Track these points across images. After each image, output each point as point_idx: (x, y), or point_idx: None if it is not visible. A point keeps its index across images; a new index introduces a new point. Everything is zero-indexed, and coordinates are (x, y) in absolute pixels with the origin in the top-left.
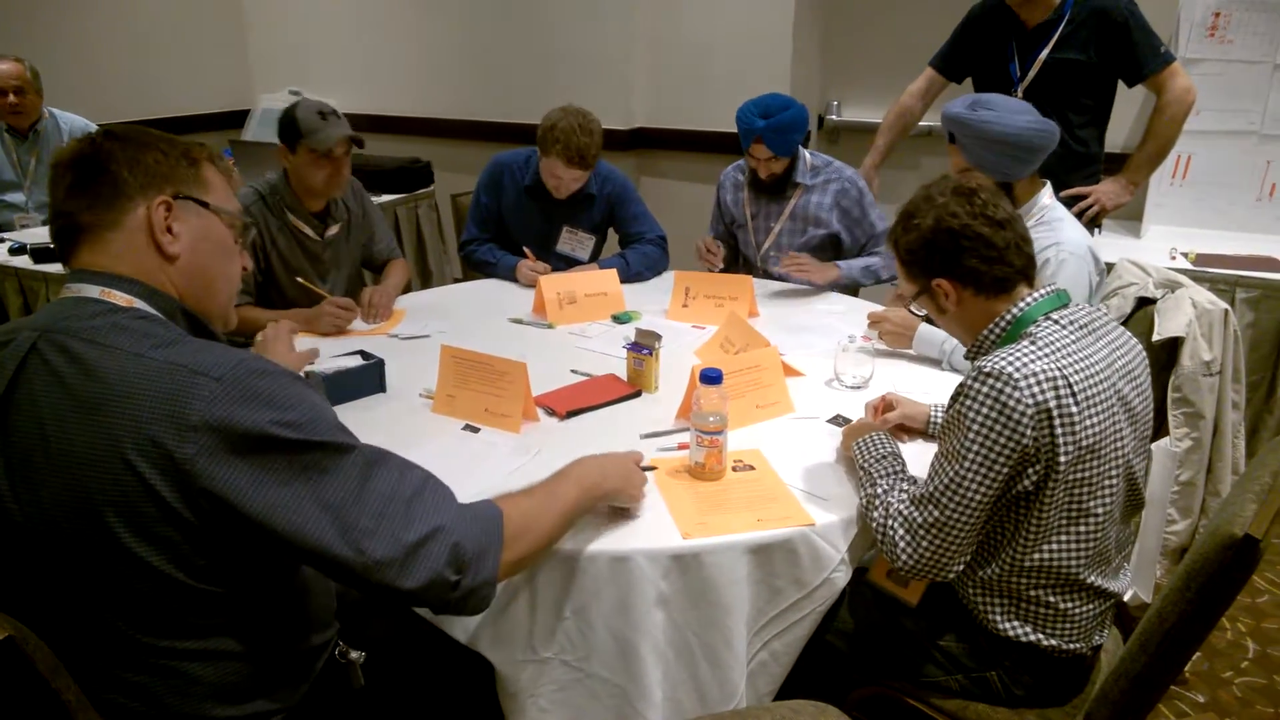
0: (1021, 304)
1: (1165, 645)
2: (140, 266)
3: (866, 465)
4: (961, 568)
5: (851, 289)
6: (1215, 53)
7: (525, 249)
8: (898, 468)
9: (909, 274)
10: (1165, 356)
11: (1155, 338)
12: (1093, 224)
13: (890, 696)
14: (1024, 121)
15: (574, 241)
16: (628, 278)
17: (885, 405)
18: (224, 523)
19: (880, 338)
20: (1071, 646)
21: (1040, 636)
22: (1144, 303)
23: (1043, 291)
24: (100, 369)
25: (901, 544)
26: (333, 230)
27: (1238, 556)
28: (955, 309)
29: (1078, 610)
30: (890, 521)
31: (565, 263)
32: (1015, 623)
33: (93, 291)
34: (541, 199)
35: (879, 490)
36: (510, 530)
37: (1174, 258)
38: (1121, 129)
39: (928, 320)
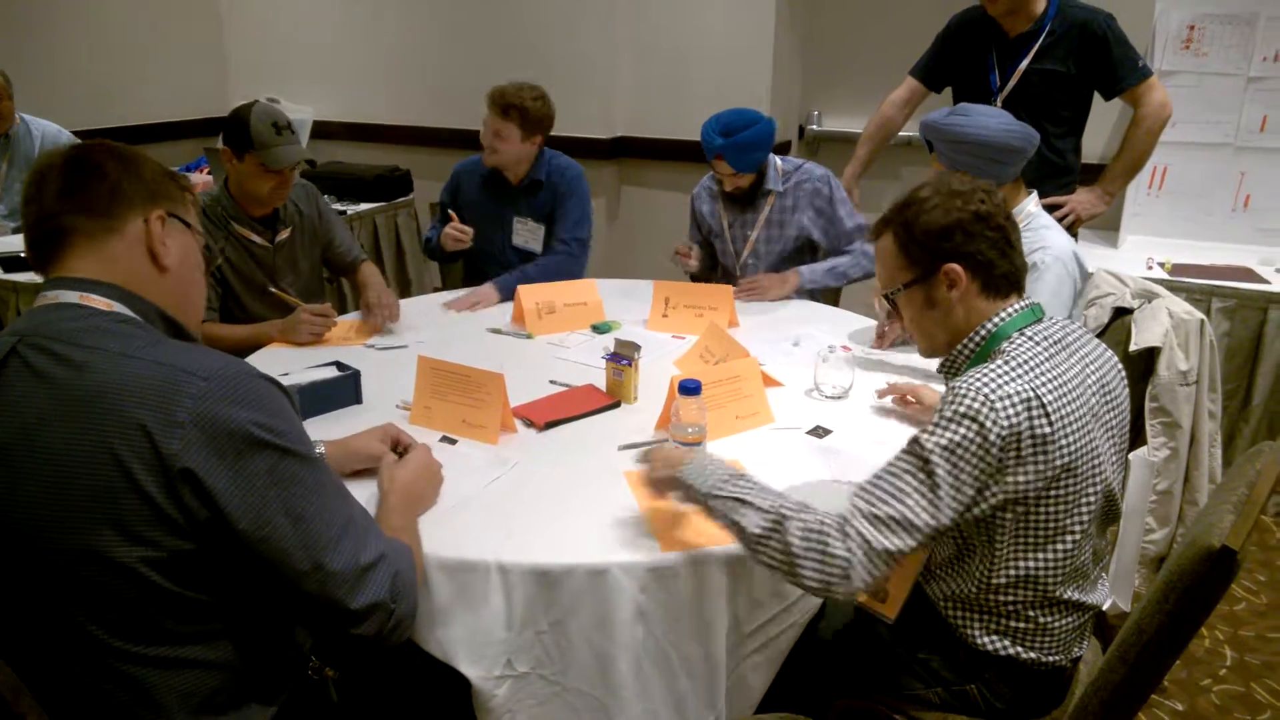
0: (996, 319)
1: (1144, 657)
2: (131, 274)
3: (724, 491)
4: None
5: (832, 295)
6: (1190, 65)
7: (449, 211)
8: (758, 483)
9: (910, 257)
10: (1142, 366)
11: (1132, 348)
12: (1068, 233)
13: (870, 709)
14: (998, 124)
15: (526, 233)
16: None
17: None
18: (207, 522)
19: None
20: (1051, 659)
21: (1019, 649)
22: (1121, 313)
23: (1018, 306)
24: (88, 367)
25: (859, 568)
26: (283, 235)
27: (1215, 568)
28: (952, 302)
29: (1056, 624)
30: (841, 543)
31: (521, 256)
32: (994, 638)
33: (71, 297)
34: (497, 189)
35: (785, 513)
36: (417, 564)
37: (1151, 267)
38: (1097, 140)
39: (889, 318)
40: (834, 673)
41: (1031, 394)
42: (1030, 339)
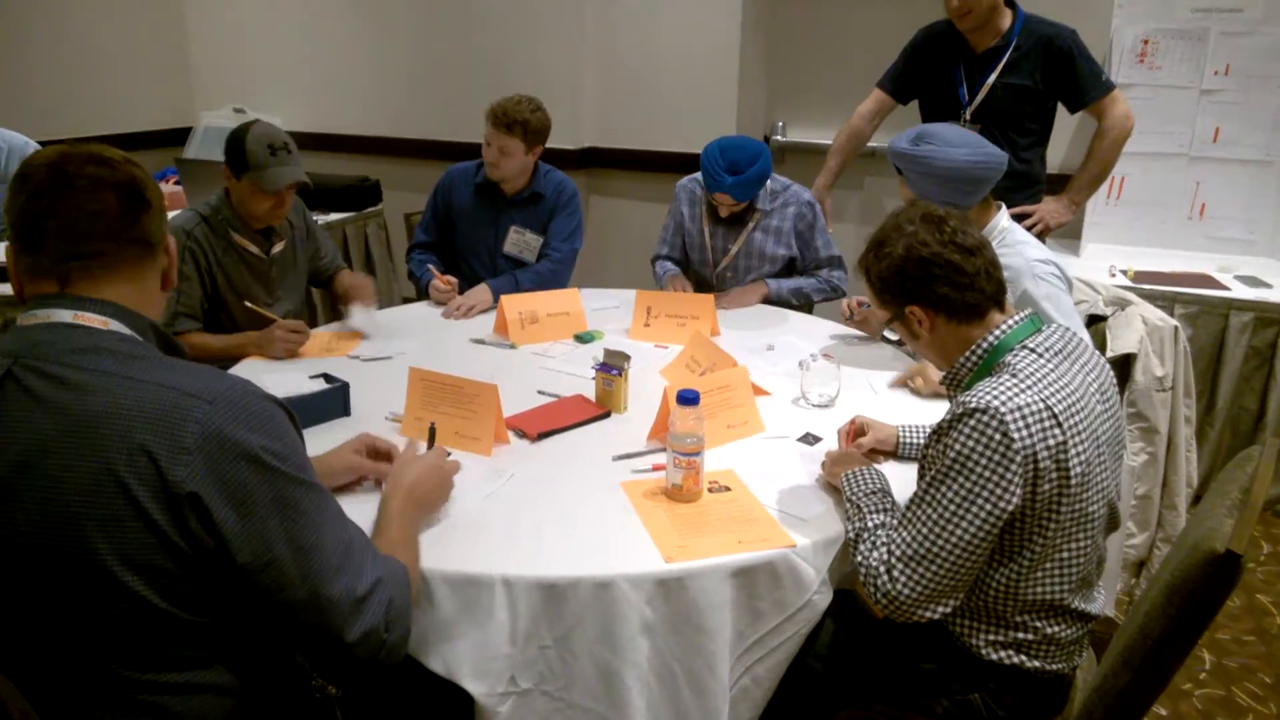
0: (997, 331)
1: (1149, 662)
2: (143, 293)
3: (856, 499)
4: (950, 608)
5: (807, 306)
6: (1145, 78)
7: (430, 267)
8: (888, 504)
9: (881, 301)
10: (1119, 373)
11: (1109, 354)
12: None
13: (872, 719)
14: (963, 155)
15: (521, 243)
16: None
17: (856, 430)
18: (211, 549)
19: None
20: (1054, 667)
21: (1024, 658)
22: (1094, 320)
23: (1017, 318)
24: (89, 390)
25: (883, 582)
26: (278, 247)
27: (1219, 572)
28: (929, 335)
29: (1063, 634)
30: (876, 561)
31: (513, 264)
32: (999, 649)
33: (64, 316)
34: (491, 198)
35: (869, 524)
36: (412, 582)
37: (1113, 275)
38: (1058, 151)
39: (898, 344)
40: (835, 683)
41: (1043, 405)
42: (1033, 351)
